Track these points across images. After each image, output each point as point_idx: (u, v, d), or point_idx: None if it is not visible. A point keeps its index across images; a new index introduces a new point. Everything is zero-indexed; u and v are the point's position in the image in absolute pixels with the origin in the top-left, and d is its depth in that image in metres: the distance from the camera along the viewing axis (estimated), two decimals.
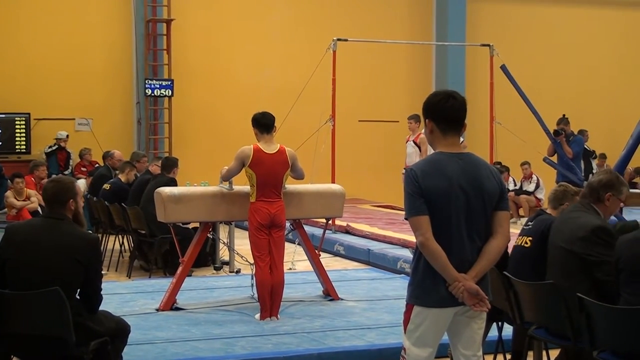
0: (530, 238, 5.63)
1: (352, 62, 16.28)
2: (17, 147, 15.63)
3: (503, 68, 13.47)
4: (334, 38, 12.73)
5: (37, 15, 15.92)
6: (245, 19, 17.15)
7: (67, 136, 15.49)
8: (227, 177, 7.84)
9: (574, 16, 19.37)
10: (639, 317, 4.50)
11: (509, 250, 5.66)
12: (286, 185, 8.18)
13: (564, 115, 14.02)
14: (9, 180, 12.76)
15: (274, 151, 7.62)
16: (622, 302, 4.70)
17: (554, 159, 13.56)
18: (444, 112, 4.07)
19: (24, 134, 15.66)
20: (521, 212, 15.81)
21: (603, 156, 17.69)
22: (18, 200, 11.95)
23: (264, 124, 7.68)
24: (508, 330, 6.00)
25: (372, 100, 17.90)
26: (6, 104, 15.53)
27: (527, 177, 16.02)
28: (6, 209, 12.20)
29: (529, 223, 5.81)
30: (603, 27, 19.57)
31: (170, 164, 10.60)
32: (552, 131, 13.40)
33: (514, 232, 5.12)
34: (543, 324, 5.36)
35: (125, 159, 12.92)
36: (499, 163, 14.45)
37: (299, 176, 7.87)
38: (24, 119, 15.66)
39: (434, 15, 18.54)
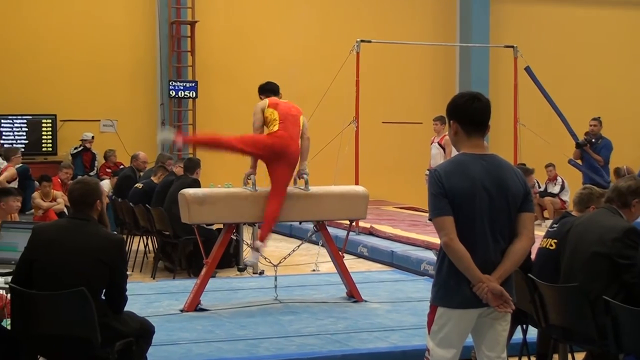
0: (555, 240, 5.59)
1: (375, 64, 16.26)
2: (43, 148, 15.74)
3: (527, 69, 13.40)
4: (358, 39, 12.71)
5: (63, 17, 16.02)
6: (269, 21, 17.18)
7: (93, 137, 15.59)
8: (258, 128, 8.04)
9: (599, 17, 19.22)
10: None
11: (534, 252, 5.63)
12: (310, 187, 8.21)
13: (598, 117, 13.88)
14: (36, 182, 12.84)
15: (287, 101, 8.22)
16: None
17: (579, 160, 13.49)
18: (469, 114, 4.07)
19: (50, 136, 15.77)
20: (546, 214, 15.71)
21: None
22: (45, 202, 12.03)
23: (269, 89, 8.25)
24: (533, 333, 5.96)
25: (395, 102, 17.86)
26: (33, 106, 15.65)
27: (552, 179, 15.92)
28: (33, 210, 12.29)
29: (554, 225, 5.78)
30: (629, 28, 19.40)
31: (192, 165, 10.64)
32: (577, 142, 13.31)
33: (538, 234, 5.10)
34: (568, 326, 5.32)
35: (149, 161, 13.00)
36: (523, 164, 14.37)
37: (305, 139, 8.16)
38: (50, 120, 15.77)
39: (458, 17, 18.48)
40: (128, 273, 5.33)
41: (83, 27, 16.11)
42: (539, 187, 15.94)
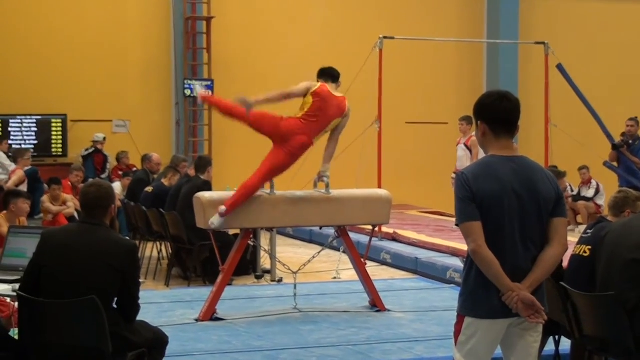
0: (590, 247, 5.56)
1: (399, 61, 16.25)
2: (53, 150, 15.85)
3: (559, 67, 13.34)
4: (380, 36, 12.71)
5: (73, 13, 16.14)
6: (287, 16, 17.21)
7: (104, 138, 15.67)
8: (286, 94, 8.15)
9: (635, 11, 19.12)
10: None
11: (566, 259, 5.60)
12: (331, 190, 8.22)
13: (635, 117, 13.79)
14: (45, 185, 12.92)
15: (338, 95, 8.33)
16: None
17: (616, 163, 13.41)
18: (498, 114, 4.06)
19: (60, 137, 15.87)
20: (579, 219, 15.65)
21: None
22: (54, 205, 12.10)
23: (328, 72, 8.51)
24: (566, 344, 5.93)
25: (420, 101, 17.85)
26: (42, 105, 15.75)
27: (586, 183, 15.85)
28: (42, 214, 12.36)
29: (588, 231, 5.75)
30: None
31: (203, 163, 10.64)
32: (614, 143, 13.24)
33: (571, 241, 5.06)
34: (604, 337, 5.28)
35: (163, 163, 13.04)
36: (555, 167, 14.31)
37: (336, 136, 8.40)
38: (60, 120, 15.88)
39: (486, 12, 18.46)
40: (141, 280, 5.35)
41: (95, 23, 16.22)
42: (572, 191, 15.88)
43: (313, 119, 8.03)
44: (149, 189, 11.63)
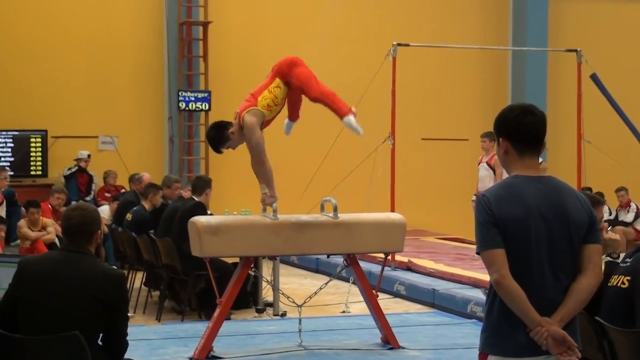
0: (629, 278, 5.55)
1: (414, 71, 16.32)
2: (32, 169, 15.91)
3: (593, 77, 13.39)
4: (394, 43, 12.75)
5: (55, 16, 16.23)
6: (292, 21, 17.30)
7: (89, 156, 15.72)
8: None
9: None
10: None
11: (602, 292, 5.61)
12: (339, 215, 8.26)
13: None
14: (22, 208, 12.95)
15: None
16: None
17: None
18: (521, 130, 4.07)
19: (40, 155, 15.94)
20: None
21: None
22: (33, 231, 12.14)
23: None
24: None
25: (437, 115, 17.91)
26: (20, 120, 15.82)
27: (624, 206, 15.87)
28: (19, 241, 12.40)
29: (627, 260, 5.74)
30: None
31: (201, 184, 10.68)
32: None
33: None
34: None
35: (153, 182, 13.04)
36: (589, 189, 14.31)
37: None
38: (40, 137, 15.95)
39: (511, 16, 18.55)
40: (129, 314, 5.37)
41: (79, 28, 16.30)
42: (610, 215, 15.87)
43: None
44: (128, 216, 11.61)
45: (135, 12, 16.67)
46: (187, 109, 16.40)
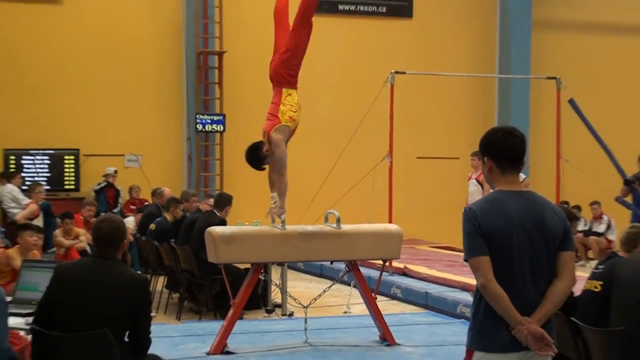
0: (601, 282, 5.56)
1: (410, 96, 16.32)
2: (66, 184, 15.91)
3: (571, 102, 13.38)
4: (392, 71, 12.77)
5: (86, 47, 16.23)
6: None
7: (115, 171, 15.72)
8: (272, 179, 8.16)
9: None
10: None
11: (577, 295, 5.62)
12: (342, 225, 8.27)
13: None
14: (58, 219, 12.99)
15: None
16: None
17: (628, 198, 13.41)
18: (504, 151, 4.10)
19: (73, 171, 15.94)
20: (590, 254, 15.61)
21: None
22: (67, 240, 12.16)
23: None
24: None
25: (431, 136, 17.89)
26: (55, 140, 15.83)
27: (597, 218, 15.84)
28: (55, 248, 12.43)
29: (600, 266, 5.75)
30: None
31: (223, 200, 10.69)
32: (626, 179, 13.26)
33: (582, 276, 5.07)
34: None
35: (174, 196, 13.07)
36: (567, 203, 14.30)
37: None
38: (73, 155, 15.96)
39: (497, 47, 18.52)
40: (152, 314, 5.38)
41: (107, 57, 16.30)
42: (585, 226, 15.85)
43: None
44: (152, 226, 11.66)
45: (158, 43, 16.67)
46: (204, 130, 16.39)
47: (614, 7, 19.11)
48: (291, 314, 10.16)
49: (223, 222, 10.16)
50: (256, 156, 8.15)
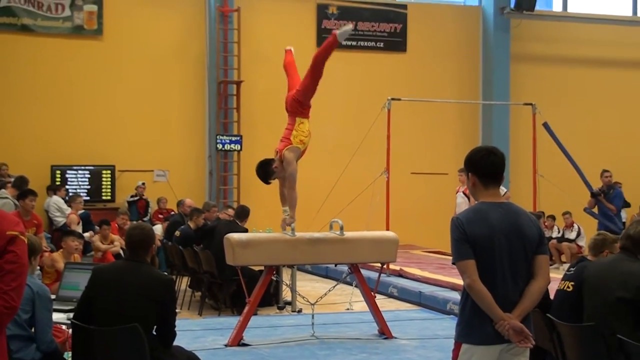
0: (572, 283, 5.54)
1: (405, 120, 16.30)
2: (103, 196, 15.94)
3: (545, 125, 13.37)
4: (389, 98, 12.79)
5: (122, 77, 16.31)
6: None
7: (143, 183, 15.78)
8: (283, 194, 8.18)
9: (610, 77, 19.20)
10: None
11: (552, 294, 5.59)
12: (345, 232, 8.26)
13: (609, 171, 13.87)
14: (96, 227, 12.99)
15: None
16: None
17: (595, 209, 13.40)
18: (486, 167, 4.09)
19: (109, 184, 15.98)
20: (563, 258, 15.57)
21: None
22: (103, 244, 12.16)
23: None
24: None
25: (423, 154, 17.88)
26: (94, 157, 15.91)
27: (569, 226, 15.79)
28: (92, 252, 12.42)
29: (571, 269, 5.74)
30: (637, 84, 19.37)
31: (244, 212, 10.79)
32: (592, 192, 13.25)
33: (556, 277, 5.04)
34: None
35: (196, 206, 13.10)
36: (542, 212, 14.26)
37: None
38: (109, 170, 16.00)
39: (481, 77, 18.55)
40: (177, 310, 5.36)
41: (140, 85, 16.38)
42: (558, 233, 15.81)
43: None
44: (177, 233, 11.66)
45: (184, 73, 16.73)
46: (223, 149, 16.41)
47: (581, 43, 19.15)
48: (300, 311, 10.13)
49: (245, 231, 10.17)
50: (265, 170, 8.17)
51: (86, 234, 12.16)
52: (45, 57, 15.89)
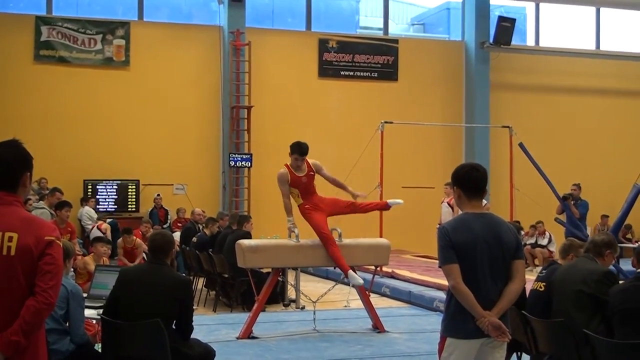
0: (544, 283, 5.56)
1: (396, 140, 16.28)
2: (129, 206, 15.94)
3: (521, 145, 13.38)
4: (382, 121, 12.82)
5: (146, 103, 16.36)
6: (307, 106, 17.38)
7: (159, 195, 15.86)
8: (287, 205, 8.11)
9: (577, 103, 19.27)
10: (632, 351, 4.48)
11: (527, 293, 5.59)
12: (343, 239, 8.25)
13: (578, 184, 13.92)
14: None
15: (303, 173, 8.11)
16: (616, 339, 4.63)
17: (563, 217, 13.39)
18: (470, 182, 4.10)
19: (134, 196, 15.98)
20: (536, 262, 15.55)
21: (605, 217, 17.35)
22: (122, 252, 12.10)
23: (295, 149, 8.16)
24: (525, 358, 5.87)
25: (413, 171, 17.87)
26: (121, 172, 15.94)
27: (541, 234, 15.79)
28: (117, 256, 12.39)
29: (543, 271, 5.77)
30: (600, 110, 19.42)
31: (243, 220, 10.82)
32: (562, 196, 13.27)
33: (530, 278, 5.05)
34: (555, 354, 5.26)
35: (209, 215, 13.10)
36: (518, 222, 14.21)
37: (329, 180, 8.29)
38: (134, 184, 16.01)
39: (464, 102, 18.58)
40: (194, 307, 5.36)
41: (162, 110, 16.45)
42: (532, 240, 15.80)
43: (307, 193, 8.16)
44: (194, 239, 11.69)
45: (201, 99, 16.77)
46: (235, 166, 16.42)
47: (552, 73, 19.18)
48: (303, 308, 10.11)
49: (248, 234, 10.17)
50: (307, 147, 8.22)
51: (119, 240, 12.14)
52: (80, 85, 15.96)
